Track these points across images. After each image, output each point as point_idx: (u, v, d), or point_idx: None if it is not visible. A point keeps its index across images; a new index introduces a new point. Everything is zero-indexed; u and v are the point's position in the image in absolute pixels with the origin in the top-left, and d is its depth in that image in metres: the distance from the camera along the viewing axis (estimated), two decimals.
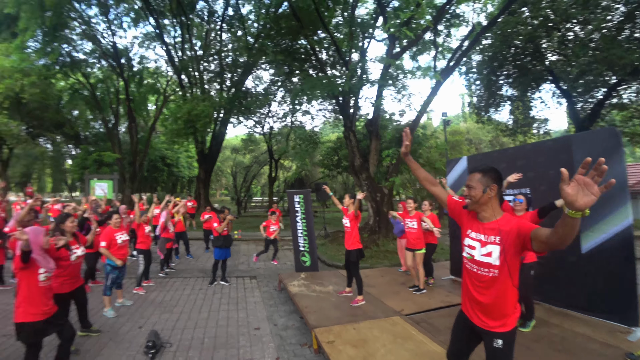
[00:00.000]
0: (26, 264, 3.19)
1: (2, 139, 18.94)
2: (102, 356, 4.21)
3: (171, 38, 20.00)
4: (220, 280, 7.38)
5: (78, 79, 20.08)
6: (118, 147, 19.89)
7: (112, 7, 17.98)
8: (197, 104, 14.39)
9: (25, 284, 3.27)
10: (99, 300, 5.77)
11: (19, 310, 3.25)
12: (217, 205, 20.06)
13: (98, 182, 15.08)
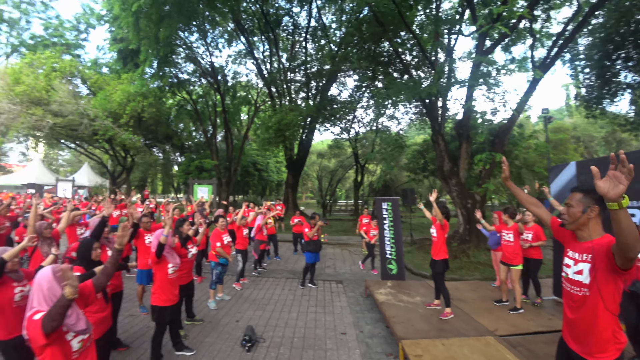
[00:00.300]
0: (159, 259, 3.96)
1: (127, 151, 22.38)
2: (205, 343, 4.81)
3: (260, 53, 21.67)
4: (309, 282, 7.69)
5: (183, 96, 22.87)
6: (216, 155, 21.96)
7: (209, 32, 20.17)
8: (286, 113, 15.20)
9: (159, 275, 4.04)
10: (202, 293, 6.57)
11: (154, 296, 4.03)
12: (302, 208, 20.88)
13: (200, 187, 16.86)
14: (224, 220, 6.42)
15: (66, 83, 18.33)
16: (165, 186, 40.59)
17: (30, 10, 25.60)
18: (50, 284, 2.14)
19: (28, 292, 3.07)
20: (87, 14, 26.44)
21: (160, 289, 4.01)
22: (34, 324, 1.98)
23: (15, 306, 3.00)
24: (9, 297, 2.95)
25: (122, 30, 16.63)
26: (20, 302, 3.03)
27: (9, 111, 17.51)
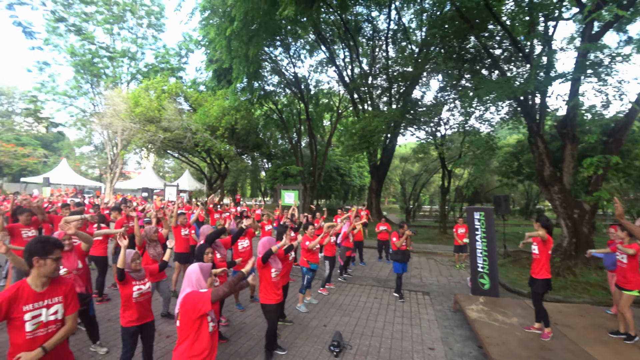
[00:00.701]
0: (264, 264, 4.40)
1: (222, 159, 24.61)
2: (295, 345, 5.05)
3: (340, 60, 22.06)
4: (394, 292, 7.59)
5: (270, 107, 24.37)
6: (300, 161, 22.91)
7: (292, 44, 21.22)
8: (370, 120, 15.21)
9: (264, 278, 4.48)
10: (290, 295, 6.92)
11: (261, 295, 4.49)
12: (385, 213, 20.61)
13: (287, 192, 17.74)
14: (313, 228, 6.70)
15: (172, 102, 21.00)
16: (254, 190, 43.52)
17: (144, 44, 30.06)
18: (198, 276, 2.79)
19: (147, 289, 3.65)
20: (187, 41, 29.92)
21: (265, 290, 4.45)
22: (198, 297, 2.59)
23: (134, 302, 3.52)
24: (129, 293, 3.49)
25: (216, 52, 18.43)
26: (139, 299, 3.55)
27: (130, 129, 20.83)
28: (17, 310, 2.29)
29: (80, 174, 36.95)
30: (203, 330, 2.59)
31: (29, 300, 2.34)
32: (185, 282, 2.76)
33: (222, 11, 15.65)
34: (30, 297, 2.36)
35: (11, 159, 34.50)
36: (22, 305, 2.31)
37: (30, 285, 2.39)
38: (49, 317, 2.41)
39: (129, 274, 3.53)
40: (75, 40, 26.27)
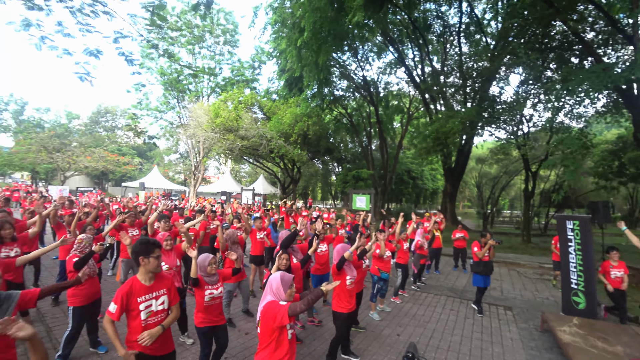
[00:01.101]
0: (339, 271, 4.37)
1: (295, 163, 25.46)
2: (368, 352, 5.00)
3: (409, 60, 21.38)
4: (473, 304, 7.14)
5: (339, 111, 24.56)
6: (371, 164, 22.71)
7: (359, 48, 21.14)
8: (445, 121, 14.57)
9: (338, 286, 4.36)
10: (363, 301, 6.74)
11: (333, 302, 4.50)
12: (460, 217, 19.50)
13: (359, 196, 17.72)
14: (384, 234, 6.59)
15: (248, 112, 22.32)
16: (324, 194, 44.18)
17: (222, 60, 32.45)
18: (278, 285, 2.82)
19: (218, 294, 3.83)
20: (259, 53, 31.59)
21: (339, 297, 4.45)
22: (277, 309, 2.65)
23: (205, 305, 3.75)
24: (201, 297, 3.74)
25: (286, 62, 19.17)
26: (210, 302, 3.78)
27: (212, 138, 22.53)
28: (133, 302, 2.71)
29: (168, 179, 41.04)
30: (283, 338, 2.71)
31: (141, 293, 2.76)
32: (267, 289, 2.87)
33: (292, 23, 16.23)
34: (142, 290, 2.77)
35: (114, 167, 39.68)
36: (136, 298, 2.72)
37: (140, 281, 2.81)
38: (158, 307, 2.82)
39: (203, 278, 3.75)
40: (163, 62, 29.28)
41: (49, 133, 39.71)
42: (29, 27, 9.03)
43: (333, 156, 27.38)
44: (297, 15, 14.96)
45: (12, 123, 46.75)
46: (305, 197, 40.62)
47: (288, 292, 2.84)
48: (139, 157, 46.40)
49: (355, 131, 24.36)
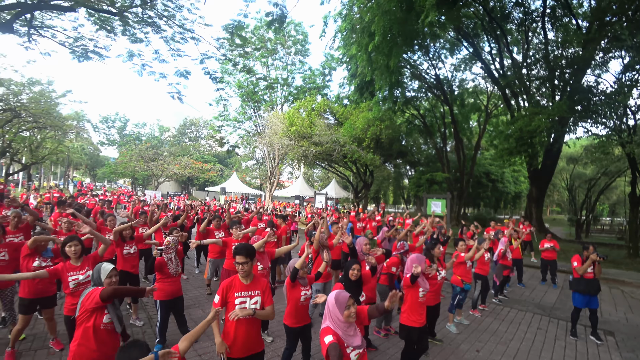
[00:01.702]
0: (412, 284, 4.25)
1: (367, 167, 25.44)
2: None
3: (486, 54, 20.05)
4: (591, 335, 6.12)
5: (412, 113, 23.94)
6: (446, 167, 21.75)
7: (430, 46, 20.37)
8: (530, 118, 13.37)
9: (410, 297, 4.36)
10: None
11: (403, 315, 4.38)
12: (547, 225, 17.66)
13: (434, 201, 17.04)
14: (464, 243, 6.24)
15: (321, 118, 22.86)
16: (396, 197, 43.26)
17: (293, 69, 33.82)
18: (334, 307, 2.57)
19: (309, 295, 4.02)
20: (329, 60, 32.27)
21: (410, 310, 4.33)
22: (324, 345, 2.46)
23: (300, 305, 3.94)
24: (296, 297, 3.92)
25: (356, 67, 19.27)
26: (304, 303, 3.97)
27: (287, 145, 23.49)
28: (231, 296, 3.02)
29: (246, 184, 43.67)
30: None
31: (238, 289, 3.06)
32: (325, 312, 2.66)
33: (361, 28, 16.28)
34: (240, 287, 3.07)
35: (198, 173, 43.50)
36: (234, 292, 3.03)
37: (240, 279, 3.10)
38: (251, 305, 3.04)
39: (298, 279, 3.94)
40: (240, 76, 31.37)
41: (145, 145, 45.11)
42: (132, 57, 10.52)
43: (406, 159, 26.76)
44: (365, 20, 14.97)
45: (117, 137, 53.92)
46: (377, 201, 40.25)
47: (346, 313, 2.55)
48: (219, 163, 50.24)
49: (428, 133, 23.59)
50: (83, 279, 3.85)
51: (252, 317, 3.01)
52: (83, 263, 3.96)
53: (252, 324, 3.08)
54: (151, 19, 9.38)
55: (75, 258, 3.93)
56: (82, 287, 3.78)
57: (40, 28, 9.74)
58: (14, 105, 18.99)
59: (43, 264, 4.45)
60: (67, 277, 3.77)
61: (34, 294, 4.35)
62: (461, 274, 6.15)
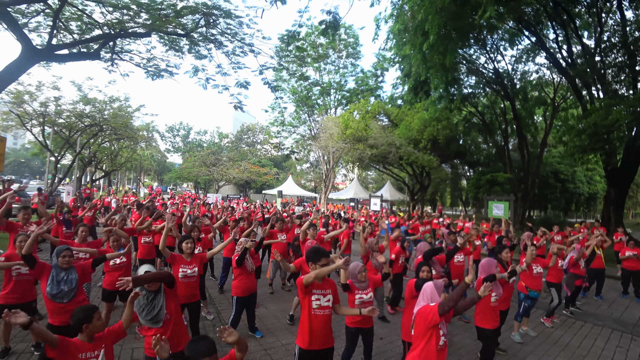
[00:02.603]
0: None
1: (424, 169, 24.80)
2: None
3: (551, 42, 18.56)
4: None
5: (469, 110, 22.88)
6: (509, 167, 20.51)
7: (487, 38, 19.26)
8: (606, 111, 12.16)
9: (482, 301, 4.33)
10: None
11: (477, 317, 4.53)
12: (629, 230, 15.80)
13: (495, 204, 16.17)
14: (534, 248, 5.82)
15: (375, 121, 22.79)
16: (454, 199, 41.63)
17: (346, 73, 33.96)
18: (432, 291, 3.11)
19: (368, 299, 4.12)
20: (381, 61, 32.03)
21: (483, 313, 4.44)
22: (429, 310, 2.93)
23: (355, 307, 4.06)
24: (352, 300, 4.08)
25: (410, 67, 18.86)
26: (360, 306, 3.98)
27: (342, 148, 23.69)
28: (310, 292, 3.35)
29: (301, 186, 44.62)
30: (432, 342, 2.92)
31: (315, 287, 3.38)
32: (420, 297, 3.16)
33: (413, 27, 15.89)
34: (316, 286, 3.38)
35: (256, 177, 45.35)
36: (312, 289, 3.36)
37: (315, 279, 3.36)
38: (324, 303, 3.39)
39: (354, 283, 4.10)
40: (294, 82, 32.17)
41: (207, 151, 47.96)
42: (197, 72, 11.40)
43: (464, 160, 25.66)
44: (418, 19, 14.62)
45: (181, 145, 57.99)
46: (433, 203, 38.98)
47: (443, 295, 3.11)
48: (275, 167, 51.90)
49: (488, 130, 22.43)
50: (190, 273, 4.49)
51: (327, 314, 3.39)
52: (192, 260, 4.57)
53: (328, 320, 3.42)
54: (214, 36, 10.12)
55: (188, 254, 4.55)
56: (186, 279, 4.46)
57: (120, 53, 10.99)
58: (99, 121, 21.40)
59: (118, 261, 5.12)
60: (178, 269, 4.43)
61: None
62: (527, 282, 5.91)
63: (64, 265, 3.76)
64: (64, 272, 3.76)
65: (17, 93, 17.75)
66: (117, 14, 9.17)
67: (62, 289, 3.69)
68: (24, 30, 8.35)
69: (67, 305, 3.68)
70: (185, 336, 3.39)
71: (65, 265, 3.76)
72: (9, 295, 4.32)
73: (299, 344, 3.39)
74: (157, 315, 3.11)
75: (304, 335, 3.35)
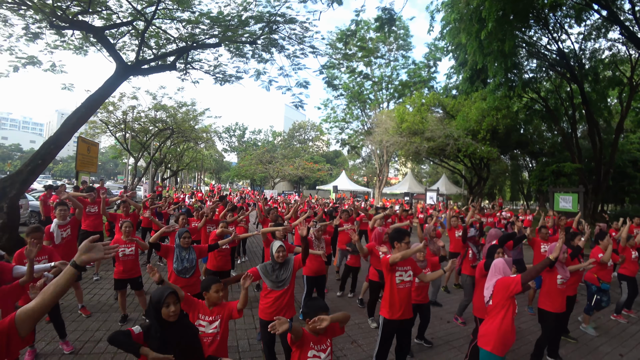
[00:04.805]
0: (551, 269, 4.41)
1: (483, 160, 23.95)
2: None
3: (626, 14, 16.65)
4: None
5: (531, 97, 21.56)
6: (577, 156, 19.11)
7: (549, 17, 17.78)
8: None
9: (548, 282, 4.55)
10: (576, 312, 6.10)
11: (542, 299, 4.60)
12: None
13: (562, 195, 15.31)
14: (609, 238, 5.81)
15: (431, 113, 22.42)
16: (514, 193, 39.45)
17: (397, 65, 33.67)
18: (504, 265, 3.41)
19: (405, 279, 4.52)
20: (433, 51, 31.24)
21: (548, 294, 4.52)
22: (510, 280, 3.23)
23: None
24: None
25: (465, 55, 18.29)
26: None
27: (397, 143, 23.62)
28: (394, 270, 3.79)
29: (354, 182, 44.91)
30: (510, 312, 3.21)
31: (399, 265, 3.80)
32: (493, 271, 3.43)
33: (468, 14, 15.44)
34: (400, 264, 3.80)
35: (309, 173, 46.41)
36: (396, 267, 3.79)
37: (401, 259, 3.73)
38: (406, 278, 3.84)
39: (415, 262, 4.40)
40: (346, 77, 32.45)
41: (262, 150, 49.93)
42: (260, 75, 12.20)
43: (526, 150, 24.32)
44: (473, 6, 14.22)
45: (237, 144, 60.85)
46: (491, 197, 37.25)
47: (513, 269, 3.41)
48: (328, 163, 52.68)
49: (552, 118, 21.05)
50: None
51: (408, 287, 3.84)
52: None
53: (409, 292, 3.87)
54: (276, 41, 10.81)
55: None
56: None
57: (192, 62, 12.13)
58: (171, 125, 23.45)
59: None
60: None
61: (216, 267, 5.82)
62: (598, 273, 5.81)
63: (185, 245, 4.50)
64: (185, 251, 4.49)
65: (104, 104, 19.95)
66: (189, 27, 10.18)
67: (185, 266, 4.42)
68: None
69: (189, 279, 4.41)
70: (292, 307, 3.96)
71: (185, 245, 4.49)
72: (120, 272, 5.26)
73: (383, 314, 3.83)
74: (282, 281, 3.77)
75: (388, 307, 3.79)
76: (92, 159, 15.31)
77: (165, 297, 2.38)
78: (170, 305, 2.38)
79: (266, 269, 3.77)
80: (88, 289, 6.68)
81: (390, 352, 3.97)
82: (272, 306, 3.70)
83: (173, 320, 2.40)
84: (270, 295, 3.74)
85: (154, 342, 2.32)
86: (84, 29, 9.14)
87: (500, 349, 3.18)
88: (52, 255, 4.31)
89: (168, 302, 2.38)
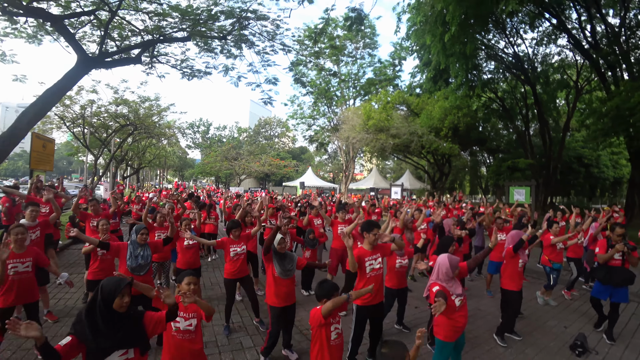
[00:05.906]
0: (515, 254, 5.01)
1: (444, 157, 25.04)
2: (532, 337, 5.25)
3: (573, 22, 18.05)
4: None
5: (489, 96, 22.77)
6: (530, 152, 20.47)
7: (507, 22, 19.07)
8: (629, 94, 12.20)
9: (510, 267, 5.09)
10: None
11: (505, 281, 5.14)
12: None
13: (517, 189, 16.35)
14: (557, 226, 6.52)
15: (396, 110, 23.02)
16: (473, 187, 41.36)
17: (363, 63, 34.31)
18: (447, 268, 3.46)
19: (405, 264, 5.03)
20: (398, 50, 31.99)
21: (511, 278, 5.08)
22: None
23: (396, 270, 5.03)
24: (392, 264, 5.01)
25: (429, 56, 19.03)
26: (400, 269, 5.02)
27: (364, 139, 24.10)
28: (363, 262, 4.01)
29: (320, 178, 45.26)
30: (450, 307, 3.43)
31: (367, 255, 4.04)
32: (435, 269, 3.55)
33: (433, 17, 15.95)
34: (367, 254, 4.05)
35: (276, 170, 46.23)
36: (365, 258, 4.02)
37: (365, 248, 4.09)
38: (376, 265, 4.07)
39: (395, 252, 4.67)
40: (313, 75, 32.64)
41: (227, 146, 49.07)
42: (228, 71, 12.06)
43: (484, 146, 25.63)
44: (437, 9, 14.81)
45: (201, 141, 59.42)
46: (452, 191, 38.80)
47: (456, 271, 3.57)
48: (294, 159, 52.68)
49: (508, 116, 22.37)
50: (240, 251, 5.10)
51: (380, 275, 4.10)
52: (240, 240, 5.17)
53: (380, 279, 4.13)
54: (245, 37, 10.71)
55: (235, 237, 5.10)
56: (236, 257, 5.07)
57: (158, 56, 11.73)
58: (133, 120, 22.50)
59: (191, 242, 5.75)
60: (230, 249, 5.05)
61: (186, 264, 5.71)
62: (550, 255, 6.52)
63: (141, 242, 4.33)
64: (140, 248, 4.31)
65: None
66: (156, 19, 9.87)
67: (140, 263, 4.23)
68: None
69: (144, 277, 4.22)
70: None
71: (142, 241, 4.34)
72: (96, 272, 5.01)
73: (356, 302, 4.04)
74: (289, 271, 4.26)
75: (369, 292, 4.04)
76: (48, 157, 14.34)
77: (123, 287, 2.27)
78: (125, 295, 2.28)
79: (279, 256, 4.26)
80: (53, 292, 6.36)
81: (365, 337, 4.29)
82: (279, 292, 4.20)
83: (123, 311, 2.29)
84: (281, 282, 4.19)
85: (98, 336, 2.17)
86: (41, 17, 8.53)
87: (450, 336, 3.44)
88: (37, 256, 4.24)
89: (124, 293, 2.27)
